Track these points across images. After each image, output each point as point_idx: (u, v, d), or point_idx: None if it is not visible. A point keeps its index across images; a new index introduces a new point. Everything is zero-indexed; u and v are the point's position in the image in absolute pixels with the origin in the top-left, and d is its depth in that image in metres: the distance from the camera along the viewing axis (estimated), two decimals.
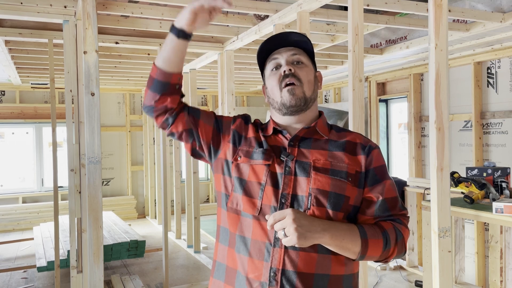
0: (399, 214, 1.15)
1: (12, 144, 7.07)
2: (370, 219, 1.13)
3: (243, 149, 1.20)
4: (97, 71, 2.40)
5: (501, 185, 3.15)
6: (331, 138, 1.20)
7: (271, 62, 1.22)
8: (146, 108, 1.23)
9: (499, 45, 4.07)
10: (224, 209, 1.19)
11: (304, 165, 1.13)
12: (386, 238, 1.09)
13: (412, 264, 4.47)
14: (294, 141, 1.18)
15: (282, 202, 1.10)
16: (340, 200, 1.10)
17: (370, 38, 4.55)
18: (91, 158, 2.38)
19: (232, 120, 1.28)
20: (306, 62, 1.21)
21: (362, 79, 2.26)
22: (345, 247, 1.06)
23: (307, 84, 1.18)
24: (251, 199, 1.13)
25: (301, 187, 1.11)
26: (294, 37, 1.21)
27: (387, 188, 1.15)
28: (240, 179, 1.16)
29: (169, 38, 1.15)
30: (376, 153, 1.18)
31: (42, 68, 5.20)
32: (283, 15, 2.94)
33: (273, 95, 1.21)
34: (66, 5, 2.91)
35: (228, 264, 1.15)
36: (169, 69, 1.17)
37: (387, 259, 1.13)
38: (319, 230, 1.02)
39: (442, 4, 1.96)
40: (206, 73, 5.82)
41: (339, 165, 1.14)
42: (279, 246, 1.07)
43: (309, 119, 1.22)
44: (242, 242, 1.12)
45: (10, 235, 6.30)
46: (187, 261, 5.00)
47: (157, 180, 6.85)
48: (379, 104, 6.02)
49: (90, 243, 2.41)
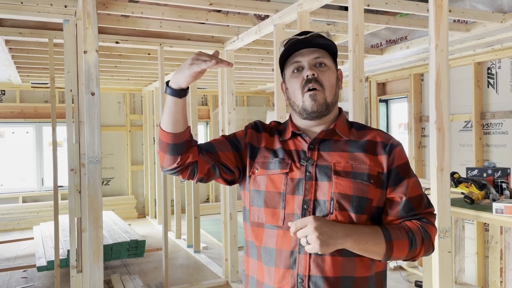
0: (424, 212, 1.14)
1: (12, 144, 7.07)
2: (395, 220, 1.13)
3: (259, 161, 1.20)
4: (97, 71, 2.40)
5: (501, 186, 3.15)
6: (351, 138, 1.18)
7: (293, 64, 1.19)
8: (169, 171, 1.18)
9: (500, 46, 4.07)
10: (248, 223, 1.19)
11: (324, 169, 1.12)
12: (412, 238, 1.08)
13: (412, 264, 4.46)
14: (314, 144, 1.17)
15: (305, 208, 1.09)
16: (362, 203, 1.09)
17: (371, 38, 4.55)
18: (91, 158, 2.38)
19: (244, 133, 1.26)
20: (329, 63, 1.18)
21: (363, 79, 2.26)
22: (369, 250, 1.05)
23: (329, 88, 1.16)
24: (273, 210, 1.13)
25: (323, 191, 1.10)
26: (319, 40, 1.17)
27: (411, 187, 1.13)
28: (258, 192, 1.16)
29: (171, 101, 1.11)
30: (398, 150, 1.16)
31: (42, 68, 5.20)
32: (284, 15, 2.94)
33: (294, 98, 1.18)
34: (67, 5, 2.91)
35: (258, 278, 1.16)
36: (180, 129, 1.13)
37: (414, 258, 1.13)
38: (341, 236, 1.02)
39: (443, 4, 1.96)
40: (206, 73, 5.80)
41: (360, 167, 1.12)
42: (304, 252, 1.07)
43: (329, 121, 1.20)
44: (268, 253, 1.13)
45: (10, 234, 6.30)
46: (187, 261, 5.00)
47: (157, 179, 6.85)
48: (379, 104, 6.02)
49: (90, 242, 2.41)
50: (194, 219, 5.26)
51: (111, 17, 3.33)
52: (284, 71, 1.23)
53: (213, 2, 2.92)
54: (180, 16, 3.21)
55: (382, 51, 4.46)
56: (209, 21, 3.33)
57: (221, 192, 4.32)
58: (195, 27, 3.63)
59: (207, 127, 8.21)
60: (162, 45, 3.94)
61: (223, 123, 4.22)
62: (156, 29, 3.54)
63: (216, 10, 3.31)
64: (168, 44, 3.97)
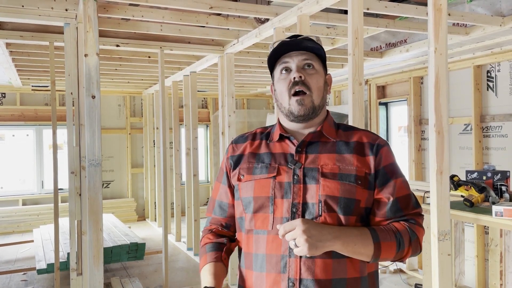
0: (412, 213, 1.14)
1: (12, 146, 7.08)
2: (383, 221, 1.13)
3: (244, 167, 1.19)
4: (98, 74, 2.41)
5: (501, 189, 3.15)
6: (339, 139, 1.18)
7: (281, 64, 1.19)
8: None
9: (499, 49, 4.08)
10: (242, 231, 1.19)
11: (312, 172, 1.12)
12: (399, 240, 1.09)
13: (412, 267, 4.46)
14: (301, 147, 1.16)
15: (293, 211, 1.09)
16: (350, 204, 1.09)
17: (370, 41, 4.57)
18: (92, 161, 2.39)
19: (225, 155, 1.27)
20: (317, 67, 1.18)
21: (362, 82, 2.27)
22: (357, 252, 1.06)
23: (317, 91, 1.16)
24: (263, 215, 1.12)
25: (311, 194, 1.10)
26: (308, 43, 1.17)
27: (398, 187, 1.13)
28: (248, 198, 1.15)
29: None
30: (385, 151, 1.16)
31: (43, 71, 5.21)
32: (283, 19, 2.95)
33: (281, 99, 1.18)
34: (67, 8, 2.92)
35: (247, 287, 1.16)
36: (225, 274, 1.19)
37: (402, 259, 1.13)
38: (330, 238, 1.02)
39: (442, 8, 1.96)
40: (207, 75, 5.83)
41: (347, 169, 1.12)
42: (294, 256, 1.07)
43: (317, 124, 1.20)
44: (258, 259, 1.12)
45: (10, 237, 6.30)
46: (187, 264, 5.00)
47: (157, 182, 6.85)
48: (379, 107, 6.03)
49: (90, 245, 2.41)
50: (194, 222, 5.26)
51: (112, 20, 3.34)
52: (273, 72, 1.23)
53: (213, 5, 2.93)
54: (180, 20, 3.23)
55: (381, 54, 4.47)
56: (209, 25, 3.35)
57: None
58: (195, 30, 3.64)
59: (207, 129, 8.22)
60: (163, 48, 3.95)
61: (223, 126, 4.23)
62: (157, 32, 3.55)
63: (216, 14, 3.33)
64: (169, 47, 3.98)
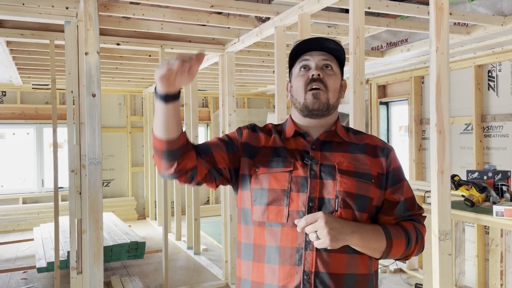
0: (417, 213, 1.20)
1: (12, 145, 7.08)
2: (391, 220, 1.17)
3: (260, 160, 1.19)
4: (98, 72, 2.41)
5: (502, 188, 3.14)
6: (351, 141, 1.22)
7: (301, 62, 1.22)
8: (166, 176, 1.15)
9: (500, 48, 4.07)
10: (247, 224, 1.18)
11: (328, 168, 1.15)
12: (408, 237, 1.14)
13: (412, 267, 4.46)
14: (316, 145, 1.19)
15: (310, 205, 1.11)
16: (364, 202, 1.13)
17: (371, 40, 4.56)
18: (92, 159, 2.38)
19: (238, 133, 1.25)
20: (335, 69, 1.22)
21: (363, 82, 2.26)
22: (371, 247, 1.10)
23: (333, 91, 1.19)
24: (277, 207, 1.13)
25: (328, 190, 1.12)
26: (330, 44, 1.21)
27: (406, 189, 1.20)
28: (261, 190, 1.16)
29: (158, 106, 1.06)
30: (393, 155, 1.22)
31: (43, 69, 5.20)
32: (284, 17, 2.95)
33: (297, 95, 1.21)
34: (68, 6, 2.92)
35: (254, 279, 1.15)
36: (173, 134, 1.08)
37: (407, 257, 1.18)
38: (349, 232, 1.05)
39: (443, 7, 1.96)
40: (207, 74, 5.82)
41: (362, 168, 1.16)
42: (310, 249, 1.09)
43: (329, 124, 1.23)
44: (271, 251, 1.12)
45: (10, 235, 6.30)
46: (187, 263, 5.00)
47: (157, 181, 6.85)
48: (379, 106, 6.02)
49: (90, 244, 2.41)
50: (194, 220, 5.26)
51: (113, 18, 3.33)
52: (292, 70, 1.25)
53: (214, 4, 2.92)
54: (181, 18, 3.22)
55: (382, 54, 4.47)
56: (210, 23, 3.34)
57: (221, 194, 4.32)
58: (196, 29, 3.64)
59: (208, 129, 8.21)
60: (163, 47, 3.94)
61: (224, 125, 4.22)
62: (157, 31, 3.54)
63: (217, 12, 3.32)
64: (169, 46, 3.98)
